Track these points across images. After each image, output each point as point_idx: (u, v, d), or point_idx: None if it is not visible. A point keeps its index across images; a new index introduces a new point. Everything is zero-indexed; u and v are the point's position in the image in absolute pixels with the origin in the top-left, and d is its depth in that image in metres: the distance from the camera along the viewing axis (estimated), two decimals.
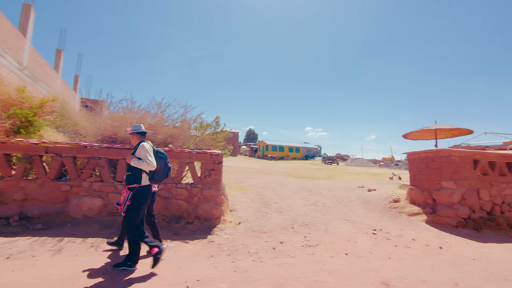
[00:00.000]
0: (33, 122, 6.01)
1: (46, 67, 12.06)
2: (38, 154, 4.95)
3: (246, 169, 16.10)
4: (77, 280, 2.81)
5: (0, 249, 3.51)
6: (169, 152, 5.33)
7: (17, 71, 9.17)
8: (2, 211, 4.68)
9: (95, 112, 8.08)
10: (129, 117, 6.02)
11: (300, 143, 51.25)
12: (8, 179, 4.81)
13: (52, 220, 4.64)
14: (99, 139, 5.85)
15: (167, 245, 3.98)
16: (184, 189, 5.22)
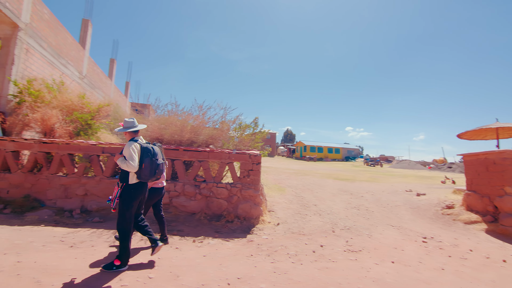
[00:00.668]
0: (91, 125, 6.69)
1: (102, 75, 13.36)
2: (96, 154, 5.50)
3: (284, 170, 16.01)
4: (130, 270, 3.05)
5: (66, 238, 3.96)
6: (210, 152, 5.53)
7: (78, 80, 10.32)
8: (67, 205, 5.30)
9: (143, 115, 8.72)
10: (173, 120, 6.37)
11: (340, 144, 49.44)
12: (72, 176, 5.43)
13: (107, 214, 5.12)
14: (148, 140, 6.29)
15: (208, 242, 4.14)
16: (224, 189, 5.37)
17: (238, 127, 7.01)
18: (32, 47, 7.29)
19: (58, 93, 6.90)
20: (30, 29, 7.12)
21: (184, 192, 5.34)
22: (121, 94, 17.12)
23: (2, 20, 6.39)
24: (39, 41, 7.56)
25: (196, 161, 5.53)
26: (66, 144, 5.52)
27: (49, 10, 8.05)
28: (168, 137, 6.07)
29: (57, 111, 6.28)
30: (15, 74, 6.66)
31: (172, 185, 5.36)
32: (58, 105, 6.50)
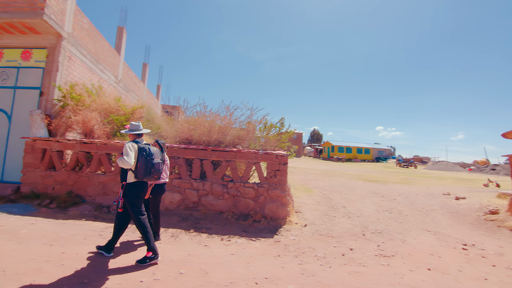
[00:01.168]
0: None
1: (135, 79, 14.09)
2: None
3: (311, 170, 15.76)
4: (161, 264, 3.19)
5: (104, 232, 4.23)
6: (237, 152, 5.60)
7: (114, 84, 10.97)
8: (105, 201, 5.66)
9: (174, 117, 9.06)
10: (202, 121, 6.54)
11: (370, 144, 47.51)
12: (109, 174, 5.78)
13: None
14: (177, 141, 6.52)
15: (236, 241, 4.19)
16: (251, 188, 5.41)
17: (264, 127, 7.02)
18: (74, 55, 7.88)
19: (96, 97, 7.39)
20: (72, 38, 7.70)
21: (212, 191, 5.46)
22: (153, 96, 17.93)
23: (48, 31, 6.98)
24: (79, 49, 8.15)
25: (223, 161, 5.63)
26: (104, 145, 5.89)
27: (88, 20, 8.64)
28: (197, 137, 6.24)
29: (96, 113, 6.73)
30: (59, 80, 7.24)
31: (201, 184, 5.51)
32: (97, 108, 6.96)
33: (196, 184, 5.53)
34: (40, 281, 2.63)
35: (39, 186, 5.94)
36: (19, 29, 7.01)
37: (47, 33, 7.12)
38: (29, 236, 3.85)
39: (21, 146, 6.76)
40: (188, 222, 4.89)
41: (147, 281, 2.77)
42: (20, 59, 7.41)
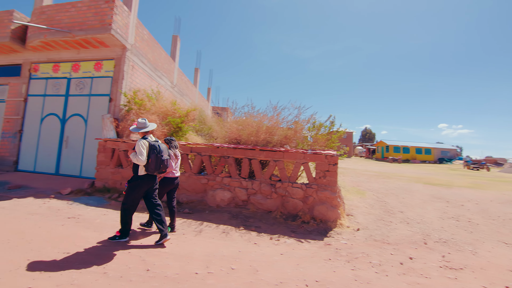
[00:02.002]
0: (181, 127, 7.60)
1: (188, 83, 15.04)
2: (185, 153, 6.23)
3: (363, 171, 14.92)
4: (214, 258, 3.35)
5: None
6: (285, 152, 5.58)
7: (170, 88, 11.87)
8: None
9: (223, 118, 9.43)
10: (250, 121, 6.68)
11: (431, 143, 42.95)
12: None
13: (195, 207, 5.73)
14: (227, 141, 6.78)
15: (285, 241, 4.19)
16: (299, 189, 5.35)
17: (313, 126, 6.86)
18: (136, 64, 8.74)
19: (155, 101, 8.09)
20: (134, 48, 8.54)
21: (261, 190, 5.54)
22: (204, 99, 18.93)
23: (115, 43, 7.87)
24: (141, 58, 9.00)
25: (271, 160, 5.67)
26: None
27: (148, 31, 9.50)
28: (245, 137, 6.39)
29: (155, 116, 7.36)
30: (124, 87, 8.10)
31: (249, 183, 5.64)
32: (156, 111, 7.61)
33: (245, 183, 5.67)
34: (111, 267, 2.98)
35: (109, 181, 6.73)
36: (92, 44, 8.04)
37: (114, 45, 8.02)
38: (102, 225, 4.39)
39: (95, 146, 7.77)
40: (238, 220, 5.04)
41: (201, 274, 2.93)
42: (93, 70, 8.49)
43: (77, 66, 8.62)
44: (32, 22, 8.11)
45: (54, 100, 8.76)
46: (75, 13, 7.62)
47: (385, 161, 34.56)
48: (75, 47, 8.29)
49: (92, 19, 7.43)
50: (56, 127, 8.60)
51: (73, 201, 5.80)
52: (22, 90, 9.11)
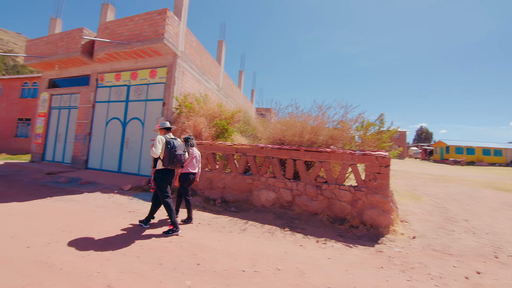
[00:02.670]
0: (227, 129, 7.85)
1: (233, 86, 15.50)
2: (231, 153, 6.42)
3: (418, 174, 13.68)
4: (260, 258, 3.37)
5: (211, 222, 4.80)
6: (331, 153, 5.40)
7: (216, 91, 12.37)
8: (211, 195, 6.42)
9: (267, 119, 9.50)
10: (294, 121, 6.61)
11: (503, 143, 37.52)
12: (214, 171, 6.54)
13: (241, 206, 5.87)
14: (271, 141, 6.80)
15: (332, 245, 4.04)
16: (347, 192, 5.12)
17: (361, 126, 6.51)
18: (185, 69, 9.29)
19: (203, 104, 8.50)
20: (184, 55, 9.09)
21: (306, 191, 5.44)
22: (248, 100, 19.32)
23: (167, 51, 8.46)
24: (190, 64, 9.54)
25: (317, 161, 5.53)
26: (210, 145, 6.71)
27: (196, 38, 10.03)
28: (289, 138, 6.35)
29: (203, 118, 7.73)
30: (176, 91, 8.66)
31: (294, 184, 5.58)
32: (204, 114, 7.99)
33: (290, 184, 5.63)
34: (166, 259, 3.21)
35: None
36: (147, 53, 8.76)
37: (167, 53, 8.63)
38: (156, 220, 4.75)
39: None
40: (283, 221, 5.02)
41: (248, 272, 2.98)
42: (148, 77, 9.25)
43: (135, 74, 9.49)
44: (98, 37, 9.17)
45: (116, 106, 9.79)
46: (133, 26, 8.40)
47: (445, 163, 31.22)
48: (133, 57, 9.14)
49: (148, 30, 8.11)
50: (118, 129, 9.59)
51: (133, 196, 6.39)
52: (90, 98, 10.36)
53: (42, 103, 12.07)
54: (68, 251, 3.24)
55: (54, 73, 11.71)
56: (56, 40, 10.39)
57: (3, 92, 19.07)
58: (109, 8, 10.09)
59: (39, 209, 4.97)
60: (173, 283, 2.67)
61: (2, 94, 19.04)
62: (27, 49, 11.21)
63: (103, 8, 10.08)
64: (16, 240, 3.47)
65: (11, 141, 17.95)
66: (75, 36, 9.88)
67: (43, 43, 10.81)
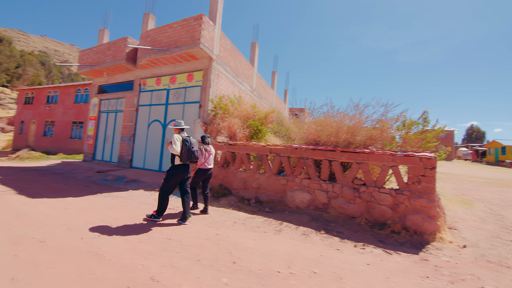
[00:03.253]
0: (261, 130, 7.91)
1: (266, 87, 15.55)
2: (265, 154, 6.45)
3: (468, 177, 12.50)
4: (295, 260, 3.34)
5: (246, 222, 4.86)
6: (370, 154, 5.16)
7: (249, 93, 12.52)
8: (246, 194, 6.51)
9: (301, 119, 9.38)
10: (329, 121, 6.44)
11: None
12: (249, 172, 6.62)
13: (275, 206, 5.87)
14: (305, 142, 6.70)
15: (371, 251, 3.86)
16: (388, 195, 4.85)
17: (402, 125, 6.12)
18: (220, 72, 9.54)
19: (237, 105, 8.65)
20: (219, 58, 9.34)
21: (343, 194, 5.26)
22: (281, 101, 19.26)
23: (203, 56, 8.76)
24: (224, 67, 9.78)
25: (354, 162, 5.32)
26: (244, 146, 6.82)
27: (230, 41, 10.24)
28: (324, 138, 6.20)
29: (237, 119, 7.88)
30: (211, 94, 8.94)
31: (330, 186, 5.43)
32: (238, 115, 8.14)
33: (325, 185, 5.49)
34: (203, 255, 3.32)
35: None
36: (185, 58, 9.16)
37: (202, 57, 8.94)
38: (195, 217, 4.94)
39: None
40: (318, 223, 4.92)
41: (283, 273, 2.97)
42: (186, 81, 9.67)
43: (174, 78, 9.98)
44: (140, 44, 9.81)
45: (157, 109, 10.39)
46: (171, 33, 8.84)
47: (500, 166, 28.08)
48: (172, 62, 9.62)
49: (185, 36, 8.48)
50: (159, 131, 10.16)
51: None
52: (134, 102, 11.12)
53: (92, 107, 13.25)
54: (116, 244, 3.51)
55: (103, 80, 12.78)
56: (104, 49, 11.34)
57: (60, 98, 21.27)
58: (150, 17, 10.75)
59: (90, 204, 5.46)
60: (210, 279, 2.75)
61: (59, 100, 21.24)
62: (79, 59, 12.40)
63: (145, 17, 10.77)
64: (71, 231, 3.85)
65: (67, 142, 19.94)
66: (120, 45, 10.69)
67: (93, 53, 11.87)
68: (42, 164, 12.50)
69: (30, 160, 13.90)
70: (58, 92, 21.56)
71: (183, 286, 2.60)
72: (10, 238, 3.48)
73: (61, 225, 4.10)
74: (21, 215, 4.48)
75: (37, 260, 2.93)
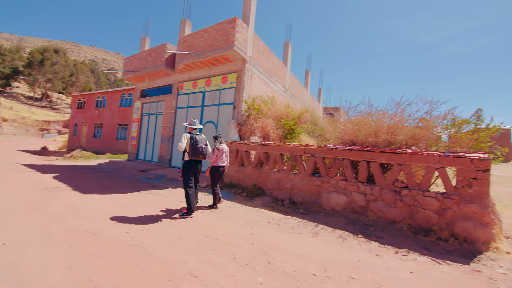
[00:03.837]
0: (294, 130, 7.83)
1: (299, 86, 15.35)
2: (299, 154, 6.38)
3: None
4: (332, 263, 3.25)
5: (280, 222, 4.85)
6: (413, 154, 4.84)
7: (282, 93, 12.46)
8: (279, 195, 6.50)
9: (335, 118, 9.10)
10: (367, 120, 6.16)
11: None
12: (282, 172, 6.60)
13: (309, 208, 5.77)
14: (340, 142, 6.50)
15: (415, 258, 3.62)
16: (433, 199, 4.50)
17: (452, 124, 5.63)
18: (253, 73, 9.64)
19: (270, 106, 8.67)
20: (252, 60, 9.44)
21: (382, 197, 5.01)
22: (314, 100, 18.89)
23: (237, 57, 8.92)
24: (257, 68, 9.86)
25: (395, 164, 5.02)
26: (277, 146, 6.81)
27: (263, 42, 10.30)
28: (362, 138, 5.95)
29: (270, 120, 7.89)
30: (244, 95, 9.07)
31: (368, 188, 5.20)
32: (271, 115, 8.15)
33: (363, 187, 5.27)
34: (239, 254, 3.38)
35: (234, 178, 7.69)
36: (219, 61, 9.41)
37: (236, 59, 9.11)
38: (230, 216, 5.05)
39: None
40: (355, 226, 4.74)
41: (319, 276, 2.91)
42: (220, 83, 9.92)
43: (209, 81, 10.31)
44: (178, 50, 10.29)
45: (194, 111, 10.81)
46: (206, 37, 9.14)
47: None
48: (207, 65, 9.95)
49: (219, 39, 8.71)
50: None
51: (208, 193, 6.96)
52: (173, 104, 11.70)
53: (135, 110, 14.21)
54: (157, 238, 3.73)
55: (145, 85, 13.64)
56: (146, 56, 12.10)
57: (107, 102, 23.15)
58: (186, 23, 11.24)
59: (134, 201, 5.87)
60: (246, 277, 2.80)
61: (107, 104, 23.12)
62: (124, 66, 13.37)
63: (182, 23, 11.28)
64: (118, 225, 4.18)
65: (114, 143, 21.62)
66: (160, 51, 11.33)
67: (135, 60, 12.73)
68: (93, 163, 13.71)
69: (82, 159, 15.33)
70: (106, 97, 23.48)
71: (219, 282, 2.67)
72: (66, 230, 3.88)
73: (109, 219, 4.47)
74: (76, 209, 4.97)
75: (89, 251, 3.22)
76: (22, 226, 3.91)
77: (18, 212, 4.56)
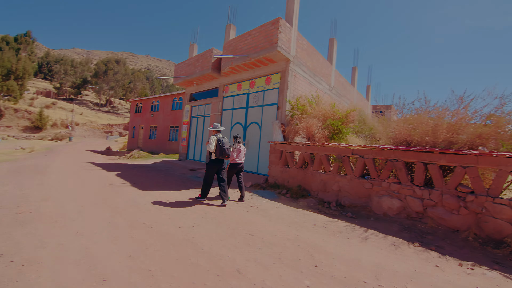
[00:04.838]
0: (341, 129, 7.55)
1: (346, 84, 14.70)
2: (346, 155, 6.13)
3: None
4: (384, 272, 3.07)
5: (327, 225, 4.73)
6: (480, 156, 4.29)
7: (328, 91, 12.07)
8: (326, 197, 6.33)
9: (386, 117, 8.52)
10: (424, 118, 5.64)
11: None
12: (329, 173, 6.41)
13: (358, 211, 5.51)
14: (392, 142, 6.06)
15: (483, 272, 3.22)
16: (506, 206, 3.94)
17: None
18: (297, 73, 9.53)
19: (315, 105, 8.48)
20: (295, 59, 9.34)
21: (443, 202, 4.54)
22: (362, 98, 17.91)
23: (280, 58, 8.91)
24: (301, 67, 9.72)
25: (458, 166, 4.51)
26: (323, 147, 6.64)
27: (307, 41, 10.11)
28: (417, 138, 5.48)
29: (315, 120, 7.72)
30: (288, 95, 9.02)
31: (426, 192, 4.76)
32: (316, 115, 7.97)
33: (419, 191, 4.84)
34: (285, 255, 3.39)
35: (278, 178, 7.71)
36: (263, 62, 9.50)
37: (280, 60, 9.11)
38: (275, 217, 5.08)
39: (267, 148, 9.14)
40: (411, 234, 4.38)
41: (371, 284, 2.77)
42: (264, 84, 10.02)
43: (253, 82, 10.50)
44: (223, 54, 10.68)
45: (238, 112, 11.12)
46: (250, 40, 9.31)
47: None
48: (251, 67, 10.14)
49: (263, 41, 8.81)
50: (240, 133, 10.86)
51: (253, 192, 7.10)
52: (219, 106, 12.18)
53: (185, 113, 15.14)
54: (207, 235, 3.93)
55: (193, 89, 14.45)
56: (194, 61, 12.81)
57: (160, 106, 25.05)
58: (231, 27, 11.60)
59: (185, 197, 6.26)
60: (292, 279, 2.80)
61: (160, 108, 25.03)
62: (174, 72, 14.34)
63: (227, 28, 11.68)
64: (172, 221, 4.50)
65: (166, 144, 23.30)
66: (207, 56, 11.89)
67: (185, 66, 13.55)
68: (148, 162, 14.98)
69: (139, 159, 16.84)
70: (159, 101, 25.44)
71: (266, 282, 2.72)
72: (128, 222, 4.31)
73: (163, 214, 4.85)
74: (135, 204, 5.49)
75: (146, 242, 3.54)
76: (92, 217, 4.47)
77: (89, 205, 5.22)
